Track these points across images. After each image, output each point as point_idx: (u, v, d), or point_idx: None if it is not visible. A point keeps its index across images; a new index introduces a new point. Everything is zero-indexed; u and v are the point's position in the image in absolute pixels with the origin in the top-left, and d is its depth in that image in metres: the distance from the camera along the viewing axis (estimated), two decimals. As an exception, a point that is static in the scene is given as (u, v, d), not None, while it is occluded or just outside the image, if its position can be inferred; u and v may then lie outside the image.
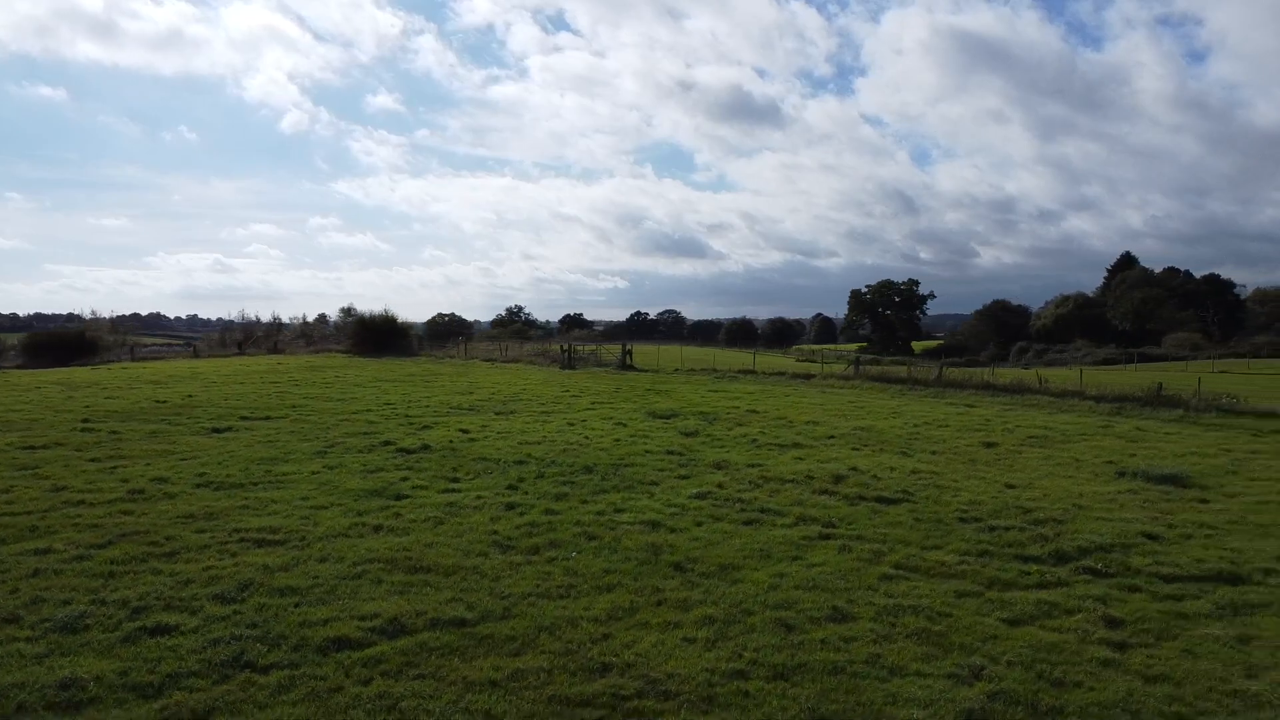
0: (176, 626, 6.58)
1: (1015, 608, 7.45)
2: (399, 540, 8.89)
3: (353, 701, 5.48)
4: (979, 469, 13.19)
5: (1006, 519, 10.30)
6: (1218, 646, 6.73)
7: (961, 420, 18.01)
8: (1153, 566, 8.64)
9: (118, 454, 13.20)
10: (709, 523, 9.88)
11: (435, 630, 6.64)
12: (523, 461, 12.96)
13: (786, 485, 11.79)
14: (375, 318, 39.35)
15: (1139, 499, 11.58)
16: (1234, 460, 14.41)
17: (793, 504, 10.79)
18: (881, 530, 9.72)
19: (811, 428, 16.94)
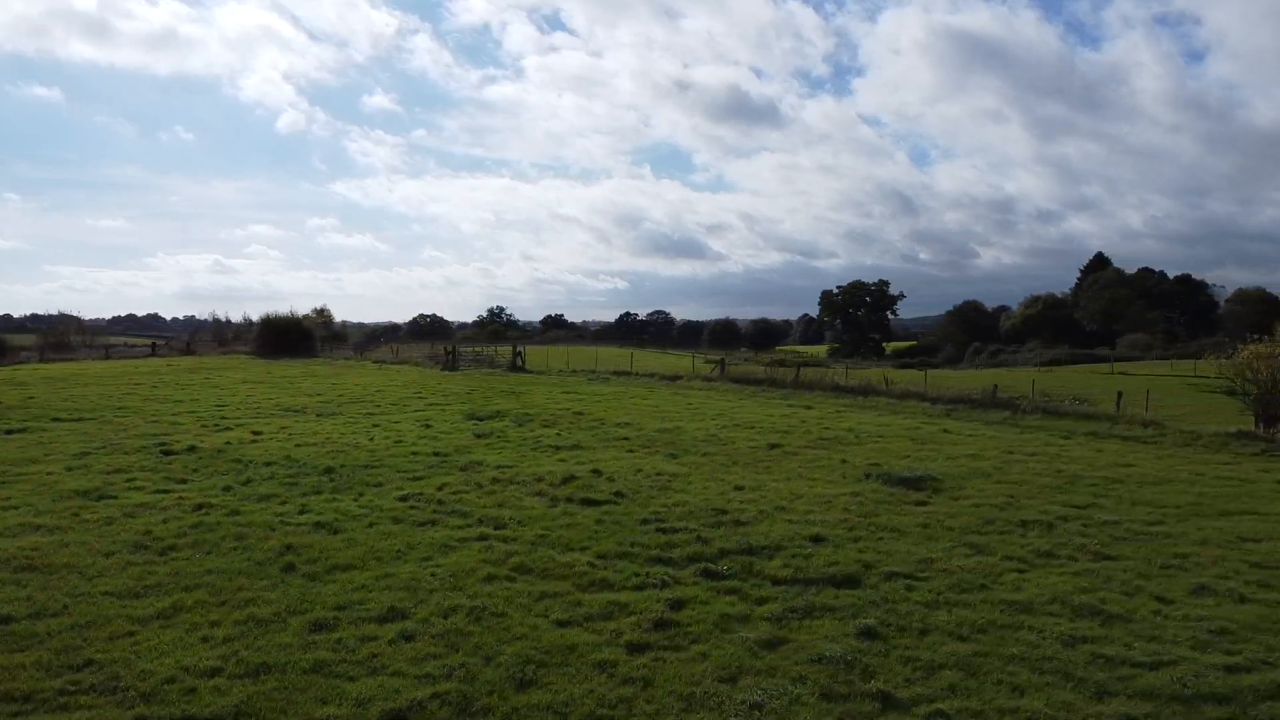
0: None
1: (582, 609, 7.63)
2: (45, 539, 9.10)
3: None
4: (729, 471, 13.36)
5: (690, 521, 10.48)
6: (737, 649, 6.87)
7: (775, 422, 18.18)
8: (780, 570, 8.81)
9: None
10: (385, 524, 10.07)
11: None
12: (272, 463, 13.15)
13: (510, 487, 11.97)
14: (280, 319, 39.61)
15: (855, 501, 11.76)
16: (1004, 461, 14.58)
17: (492, 506, 10.97)
18: (548, 531, 9.89)
19: (616, 429, 17.13)
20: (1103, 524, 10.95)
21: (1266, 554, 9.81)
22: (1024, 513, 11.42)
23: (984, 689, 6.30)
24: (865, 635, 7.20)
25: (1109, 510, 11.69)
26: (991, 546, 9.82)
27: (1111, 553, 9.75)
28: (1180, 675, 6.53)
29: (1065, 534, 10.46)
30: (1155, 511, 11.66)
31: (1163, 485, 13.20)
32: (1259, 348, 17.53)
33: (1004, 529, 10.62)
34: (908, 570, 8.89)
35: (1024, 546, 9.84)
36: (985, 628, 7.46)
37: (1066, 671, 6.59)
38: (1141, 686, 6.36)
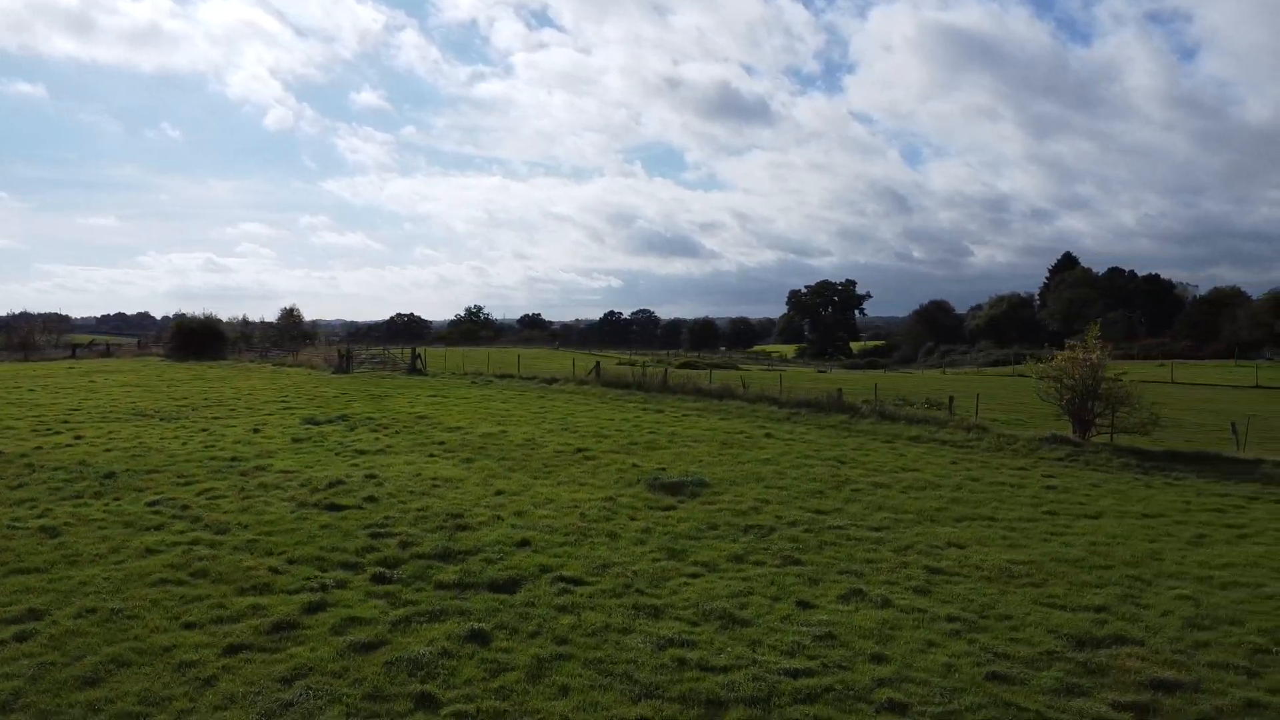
0: None
1: (217, 612, 8.02)
2: None
3: None
4: (505, 476, 13.77)
5: (417, 527, 10.90)
6: (328, 651, 7.27)
7: (604, 427, 18.61)
8: (455, 574, 9.25)
9: None
10: (113, 528, 10.48)
11: None
12: (62, 468, 13.55)
13: (271, 491, 12.39)
14: (193, 321, 39.93)
15: (603, 506, 12.20)
16: (789, 467, 15.01)
17: (236, 510, 11.39)
18: (266, 537, 10.29)
19: (445, 433, 17.55)
20: (825, 529, 11.39)
21: (955, 560, 10.24)
22: (760, 518, 11.85)
23: (531, 691, 6.69)
24: (469, 638, 7.60)
25: (846, 515, 12.13)
26: (689, 552, 10.23)
27: (802, 558, 10.17)
28: (737, 679, 6.93)
29: (777, 539, 10.88)
30: (890, 517, 12.10)
31: (925, 490, 13.65)
32: (1071, 353, 18.00)
33: (722, 534, 11.04)
34: (579, 575, 9.30)
35: (721, 552, 10.26)
36: (597, 631, 7.87)
37: (628, 675, 6.96)
38: (687, 690, 6.72)
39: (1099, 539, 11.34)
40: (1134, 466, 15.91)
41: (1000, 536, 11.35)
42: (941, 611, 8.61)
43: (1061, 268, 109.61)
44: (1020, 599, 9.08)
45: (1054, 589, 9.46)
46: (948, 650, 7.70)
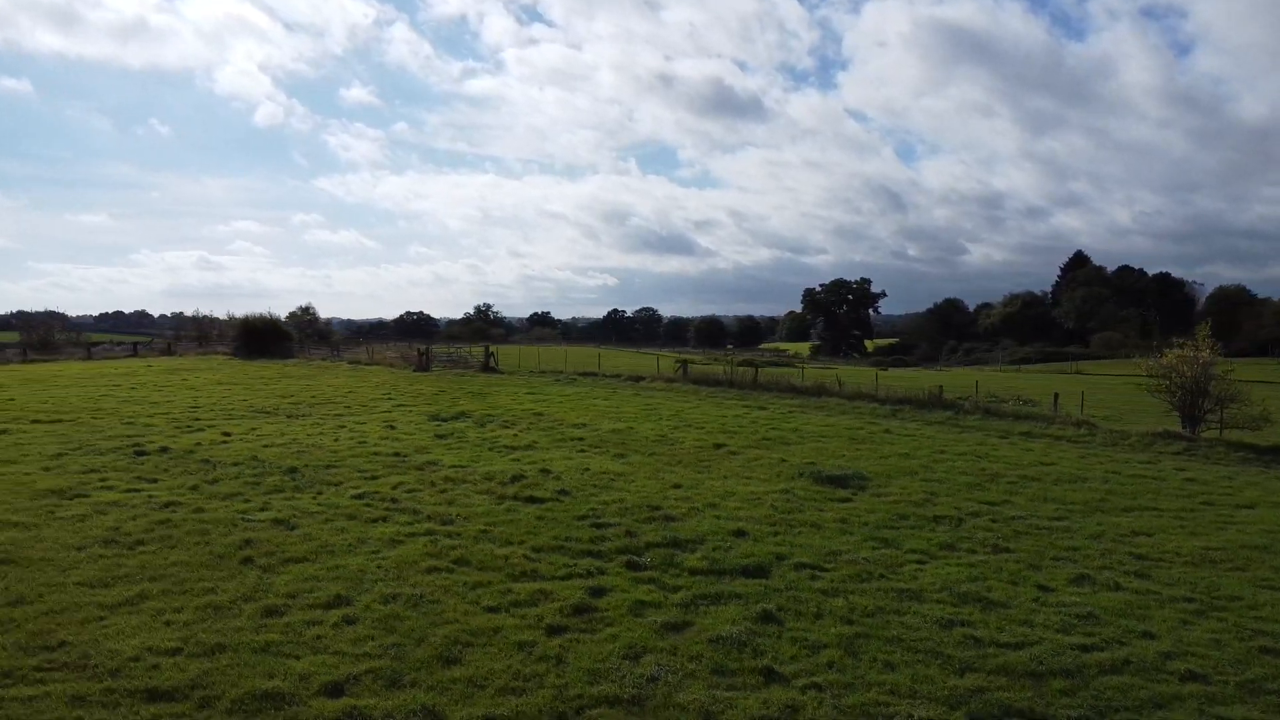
0: None
1: (510, 596, 8.42)
2: (21, 535, 9.80)
3: None
4: (670, 470, 14.17)
5: (625, 518, 11.28)
6: (645, 632, 7.67)
7: (725, 423, 19.05)
8: (698, 561, 9.63)
9: None
10: (339, 521, 10.81)
11: (-54, 615, 7.55)
12: (239, 463, 13.87)
13: (461, 486, 12.74)
14: (258, 320, 40.22)
15: (784, 498, 12.61)
16: (933, 461, 15.47)
17: (443, 504, 11.75)
18: (491, 527, 10.67)
19: (572, 430, 17.93)
20: (1009, 519, 11.85)
21: (1151, 547, 10.74)
22: (938, 509, 12.31)
23: (859, 665, 7.13)
24: (763, 619, 8.03)
25: (1018, 507, 12.60)
26: (899, 540, 10.68)
27: (1009, 545, 10.65)
28: (1038, 654, 7.41)
29: (971, 529, 11.35)
30: (1061, 508, 12.58)
31: (1076, 483, 14.13)
32: (1182, 351, 18.53)
33: (916, 524, 11.49)
34: (815, 561, 9.73)
35: (929, 540, 10.71)
36: (874, 613, 8.31)
37: (936, 651, 7.43)
38: (1001, 664, 7.20)
39: (1269, 526, 11.85)
40: (1253, 460, 16.43)
41: (1176, 525, 11.84)
42: (1172, 593, 9.10)
43: (1072, 266, 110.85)
44: (1236, 582, 9.58)
45: (1259, 572, 9.98)
46: (1205, 628, 8.20)
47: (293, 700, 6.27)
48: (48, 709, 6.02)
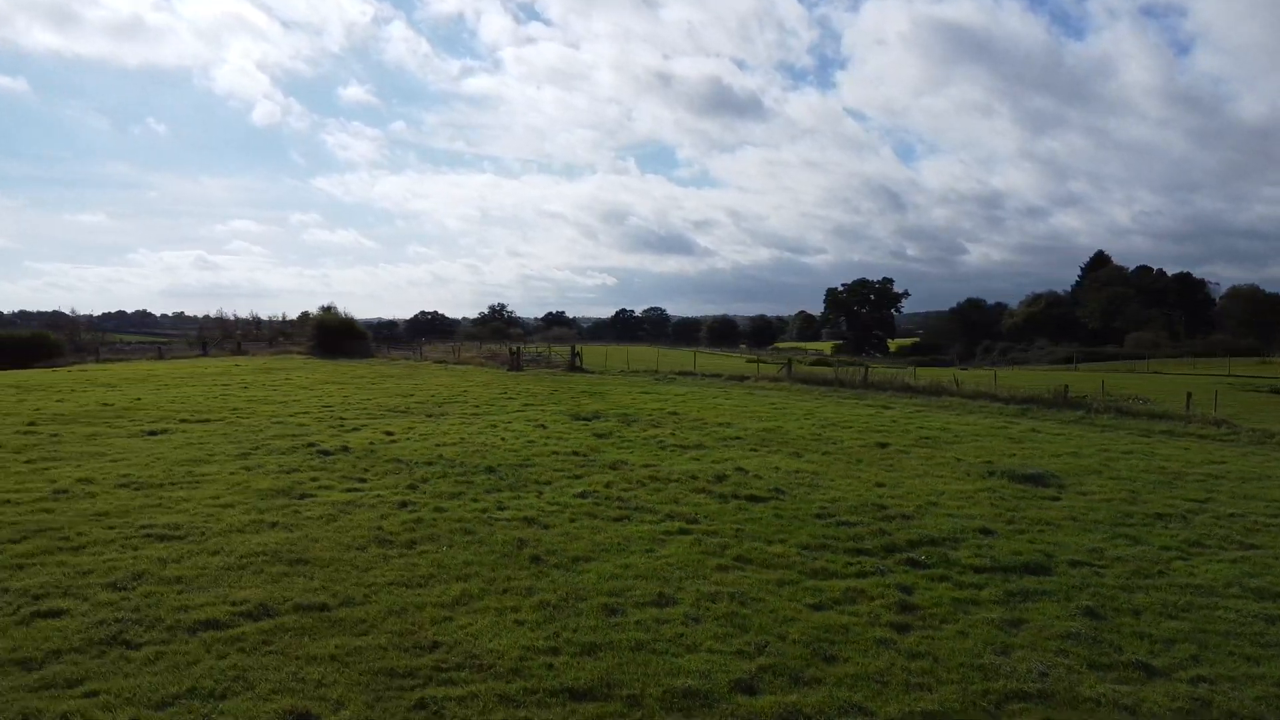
0: (67, 610, 7.46)
1: (824, 594, 8.44)
2: (288, 535, 9.79)
3: (206, 672, 6.39)
4: (859, 469, 14.21)
5: (860, 515, 11.31)
6: (988, 628, 7.72)
7: (867, 422, 19.08)
8: (971, 559, 9.65)
9: (53, 455, 14.01)
10: (583, 519, 10.82)
11: (296, 614, 7.56)
12: (431, 463, 13.88)
13: (670, 484, 12.76)
14: (332, 319, 40.18)
15: (994, 496, 12.64)
16: (1105, 460, 15.50)
17: (667, 501, 11.76)
18: (738, 525, 10.69)
19: (721, 429, 17.95)
20: (1227, 516, 11.88)
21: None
22: (1151, 507, 12.34)
23: (1220, 659, 7.17)
24: (1088, 615, 8.06)
25: (1227, 504, 12.63)
26: (1144, 537, 10.71)
27: (1255, 542, 10.68)
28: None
29: (1202, 525, 11.38)
30: (1272, 505, 12.61)
31: (1263, 480, 14.17)
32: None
33: (1144, 522, 11.51)
34: (1084, 559, 9.75)
35: (1173, 538, 10.74)
36: (1187, 608, 8.34)
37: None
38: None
39: None
40: None
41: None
42: None
43: (1093, 266, 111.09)
44: None
45: None
46: None
47: (715, 698, 6.28)
48: (486, 709, 6.03)
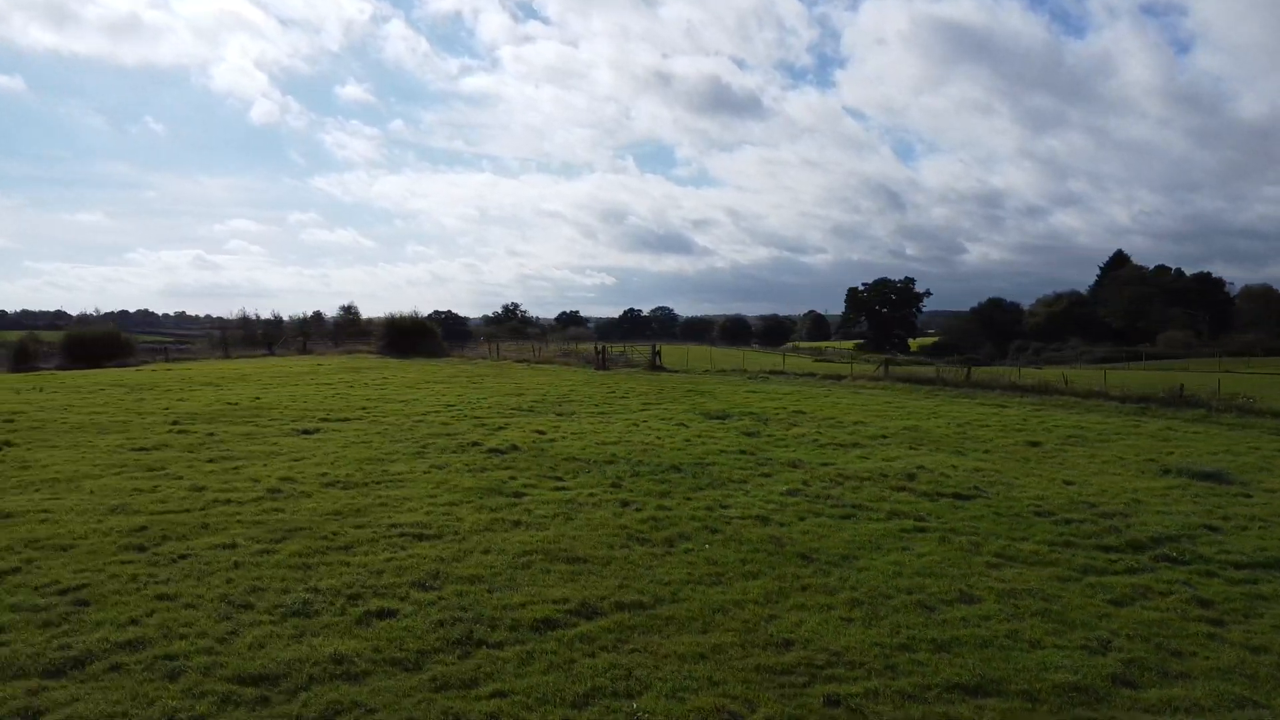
0: (397, 611, 7.44)
1: (1114, 590, 8.42)
2: (542, 534, 9.77)
3: (590, 670, 6.36)
4: (1033, 467, 14.19)
5: (1077, 513, 11.28)
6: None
7: (999, 420, 19.07)
8: (1221, 555, 9.63)
9: (227, 455, 13.99)
10: (810, 518, 10.80)
11: (622, 613, 7.53)
12: (611, 461, 13.86)
13: (865, 483, 12.74)
14: (403, 319, 40.19)
15: (1188, 494, 12.61)
16: (1263, 458, 15.48)
17: (877, 500, 11.74)
18: (967, 523, 10.67)
19: (859, 428, 17.93)
20: None
21: None
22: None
23: None
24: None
25: None
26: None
27: None
28: None
29: None
30: None
31: None
32: None
33: (1360, 518, 11.47)
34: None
35: (1404, 535, 10.70)
36: None
37: None
38: None
39: None
40: None
41: None
42: None
43: (1113, 266, 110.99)
44: None
45: None
46: None
47: (1099, 692, 6.26)
48: (896, 704, 6.00)
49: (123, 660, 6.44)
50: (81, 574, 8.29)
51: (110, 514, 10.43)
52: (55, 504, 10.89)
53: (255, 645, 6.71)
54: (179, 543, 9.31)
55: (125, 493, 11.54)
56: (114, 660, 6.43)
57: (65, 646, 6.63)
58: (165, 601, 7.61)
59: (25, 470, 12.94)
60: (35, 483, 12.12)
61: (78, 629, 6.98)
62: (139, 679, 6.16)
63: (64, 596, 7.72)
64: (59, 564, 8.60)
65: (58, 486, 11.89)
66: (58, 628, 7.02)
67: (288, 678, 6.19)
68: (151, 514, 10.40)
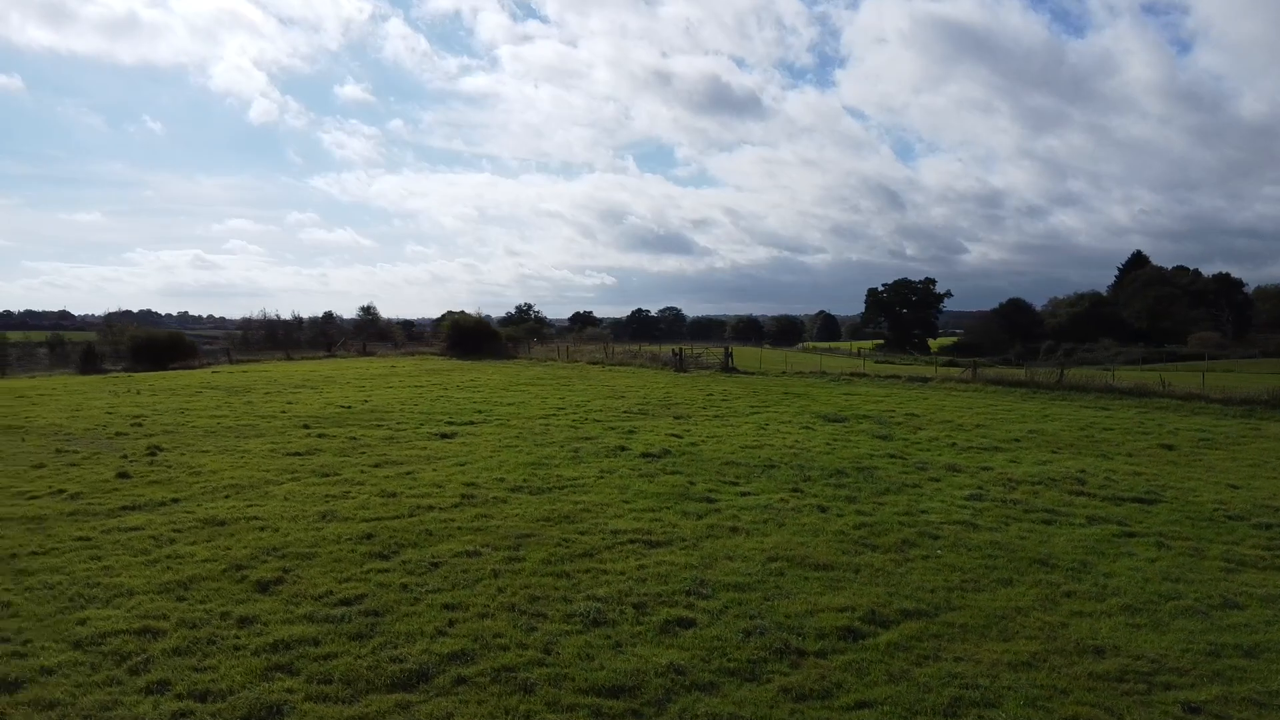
0: (694, 620, 7.46)
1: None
2: (768, 540, 9.79)
3: (933, 680, 6.38)
4: (1185, 471, 14.20)
5: (1264, 516, 11.30)
6: None
7: (1114, 423, 19.10)
8: None
9: (387, 460, 14.04)
10: (1013, 523, 10.81)
11: (911, 621, 7.55)
12: (771, 465, 13.87)
13: (1038, 487, 12.76)
14: (468, 320, 40.25)
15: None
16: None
17: (1063, 504, 11.76)
18: (1169, 528, 10.68)
19: (984, 430, 17.95)
20: None
21: None
22: None
23: None
24: None
25: None
26: None
27: None
28: None
29: None
30: None
31: None
32: None
33: None
34: None
35: None
36: None
37: None
38: None
39: None
40: None
41: None
42: None
43: (1132, 266, 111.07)
44: None
45: None
46: None
47: None
48: (1263, 711, 6.03)
49: (463, 673, 6.45)
50: (346, 584, 8.31)
51: (322, 521, 10.46)
52: (260, 510, 10.93)
53: (583, 656, 6.73)
54: (417, 550, 9.34)
55: (319, 499, 11.57)
56: (454, 673, 6.44)
57: (397, 659, 6.65)
58: (456, 611, 7.63)
59: (197, 476, 12.97)
60: (220, 489, 12.16)
61: (392, 641, 6.99)
62: (493, 692, 6.17)
63: (349, 607, 7.74)
64: (315, 573, 8.63)
65: (247, 493, 11.93)
66: (369, 639, 7.04)
67: (641, 689, 6.21)
68: (364, 521, 10.43)
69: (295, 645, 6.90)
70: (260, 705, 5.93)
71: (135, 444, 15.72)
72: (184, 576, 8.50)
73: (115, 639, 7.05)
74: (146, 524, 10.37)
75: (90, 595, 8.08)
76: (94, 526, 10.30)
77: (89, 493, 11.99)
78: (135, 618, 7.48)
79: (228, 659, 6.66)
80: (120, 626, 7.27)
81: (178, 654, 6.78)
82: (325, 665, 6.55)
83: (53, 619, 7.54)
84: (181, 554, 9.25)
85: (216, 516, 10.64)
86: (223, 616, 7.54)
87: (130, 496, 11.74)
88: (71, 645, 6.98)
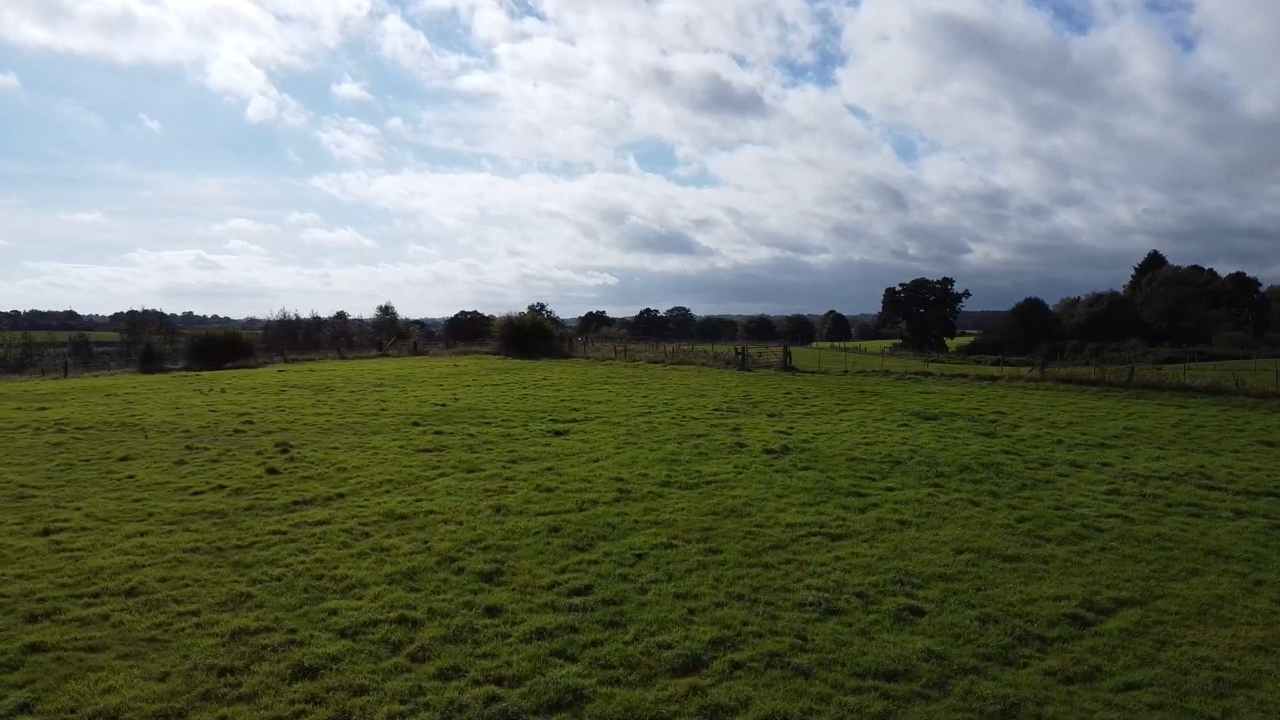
0: (921, 609, 7.77)
1: None
2: (943, 534, 10.09)
3: (1187, 663, 6.68)
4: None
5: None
6: None
7: (1201, 420, 19.37)
8: None
9: (519, 456, 14.37)
10: (1162, 517, 11.09)
11: (1126, 609, 7.85)
12: (899, 461, 14.18)
13: (1166, 482, 13.05)
14: (523, 319, 40.58)
15: None
16: None
17: (1201, 499, 12.04)
18: None
19: (1078, 427, 18.23)
20: None
21: None
22: None
23: None
24: None
25: None
26: None
27: None
28: None
29: None
30: None
31: None
32: None
33: None
34: None
35: None
36: None
37: None
38: None
39: None
40: None
41: None
42: None
43: (1148, 267, 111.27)
44: None
45: None
46: None
47: None
48: None
49: (734, 658, 6.75)
50: (566, 575, 8.62)
51: (499, 515, 10.78)
52: (431, 505, 11.25)
53: (838, 642, 7.04)
54: (610, 543, 9.66)
55: (481, 494, 11.91)
56: (727, 659, 6.74)
57: (665, 645, 6.95)
58: (689, 600, 7.95)
59: (344, 472, 13.30)
60: (377, 484, 12.48)
61: (648, 630, 7.29)
62: (773, 676, 6.46)
63: (584, 597, 8.05)
64: (528, 564, 8.95)
65: (407, 488, 12.25)
66: (625, 627, 7.33)
67: (913, 673, 6.51)
68: (540, 515, 10.76)
69: (557, 634, 7.21)
70: (562, 689, 6.22)
71: (260, 441, 16.06)
72: (403, 569, 8.82)
73: (378, 628, 7.36)
74: (330, 518, 10.69)
75: (323, 587, 8.39)
76: (280, 521, 10.62)
77: (250, 488, 12.32)
78: (383, 608, 7.79)
79: (503, 646, 6.97)
80: (376, 616, 7.58)
81: (448, 641, 7.09)
82: (599, 651, 6.86)
83: (301, 610, 7.84)
84: (385, 546, 9.58)
85: (394, 511, 10.96)
86: (467, 606, 7.85)
87: (294, 492, 12.06)
88: (338, 634, 7.29)
